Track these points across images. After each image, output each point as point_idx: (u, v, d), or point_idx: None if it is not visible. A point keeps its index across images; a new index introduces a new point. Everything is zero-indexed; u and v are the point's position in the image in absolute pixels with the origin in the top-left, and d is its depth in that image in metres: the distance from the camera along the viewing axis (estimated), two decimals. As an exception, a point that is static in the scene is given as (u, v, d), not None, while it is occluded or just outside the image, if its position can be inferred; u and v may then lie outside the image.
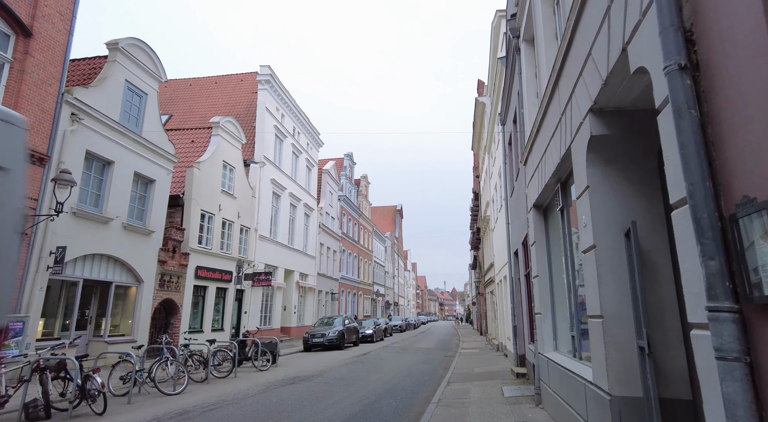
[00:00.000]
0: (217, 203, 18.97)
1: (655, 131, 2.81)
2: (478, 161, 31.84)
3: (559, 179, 5.95)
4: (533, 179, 7.41)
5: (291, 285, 27.07)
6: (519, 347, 12.49)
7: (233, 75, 30.54)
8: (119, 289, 13.79)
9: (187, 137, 20.48)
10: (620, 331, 3.73)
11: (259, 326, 22.76)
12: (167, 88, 30.38)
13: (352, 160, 44.49)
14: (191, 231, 17.13)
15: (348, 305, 40.99)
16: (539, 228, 7.51)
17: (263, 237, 23.09)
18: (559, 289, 7.12)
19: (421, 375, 12.20)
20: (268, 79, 24.42)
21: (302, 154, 29.71)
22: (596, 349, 3.98)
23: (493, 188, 20.01)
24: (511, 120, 12.16)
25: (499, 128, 16.55)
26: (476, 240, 37.27)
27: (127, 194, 13.71)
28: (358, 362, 15.24)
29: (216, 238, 18.86)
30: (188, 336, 14.57)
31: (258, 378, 11.43)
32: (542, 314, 7.23)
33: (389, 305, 64.10)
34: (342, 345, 20.92)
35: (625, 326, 3.72)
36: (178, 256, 16.15)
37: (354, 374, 12.17)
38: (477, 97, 23.87)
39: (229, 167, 20.21)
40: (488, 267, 24.14)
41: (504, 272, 16.14)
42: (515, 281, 12.93)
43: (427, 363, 15.52)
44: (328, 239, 35.05)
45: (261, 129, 23.75)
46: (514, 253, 12.77)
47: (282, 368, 13.55)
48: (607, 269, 3.89)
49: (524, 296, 10.87)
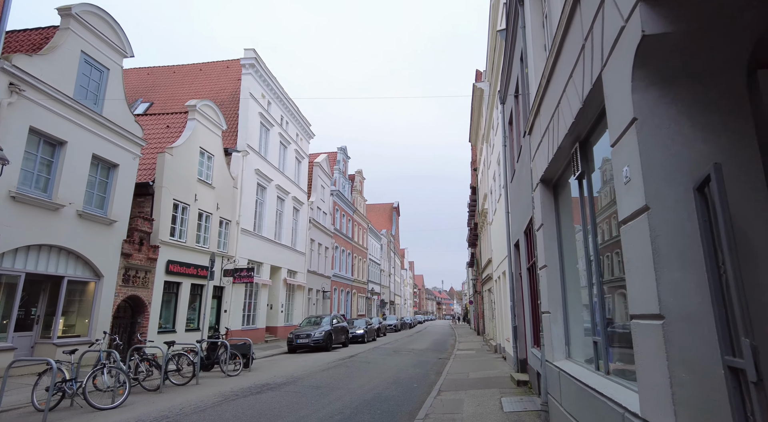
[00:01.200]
0: (192, 193, 17.53)
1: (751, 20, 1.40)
2: (475, 154, 30.53)
3: (578, 138, 4.56)
4: (541, 147, 6.02)
5: (278, 282, 25.65)
6: (520, 350, 11.12)
7: (218, 62, 29.14)
8: (74, 285, 12.36)
9: (162, 122, 19.04)
10: (694, 341, 2.34)
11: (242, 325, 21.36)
12: (149, 76, 28.99)
13: (345, 154, 43.05)
14: (162, 222, 15.70)
15: (341, 304, 39.59)
16: (548, 208, 6.12)
17: (246, 231, 21.65)
18: (573, 282, 5.73)
19: (409, 382, 10.82)
20: (252, 63, 22.98)
21: (291, 145, 28.27)
22: (650, 368, 2.58)
23: (491, 178, 18.64)
24: (512, 95, 10.79)
25: (498, 113, 15.23)
26: (473, 237, 35.94)
27: (83, 178, 12.27)
28: (342, 365, 13.85)
29: (191, 230, 17.43)
30: (146, 338, 13.15)
31: (223, 385, 10.03)
32: (551, 313, 5.84)
33: (385, 304, 62.72)
34: (329, 346, 19.52)
35: (701, 333, 2.33)
36: (146, 249, 14.72)
37: (333, 380, 10.78)
38: (475, 83, 22.48)
39: (207, 154, 18.77)
40: (486, 264, 22.78)
41: (503, 268, 14.77)
42: (515, 276, 11.56)
43: (419, 366, 14.15)
44: (320, 235, 33.63)
45: (245, 116, 22.34)
46: (515, 245, 11.40)
47: (255, 373, 12.15)
48: (667, 243, 2.51)
49: (527, 293, 9.50)
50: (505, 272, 14.30)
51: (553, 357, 5.78)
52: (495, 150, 16.99)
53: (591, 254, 4.50)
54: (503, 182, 13.25)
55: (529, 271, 9.25)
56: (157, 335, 15.13)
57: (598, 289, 4.31)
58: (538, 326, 8.29)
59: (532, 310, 9.04)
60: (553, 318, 5.83)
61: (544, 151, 5.78)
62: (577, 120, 4.16)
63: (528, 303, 9.34)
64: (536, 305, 8.41)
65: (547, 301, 5.94)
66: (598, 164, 4.37)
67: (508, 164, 12.24)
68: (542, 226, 6.12)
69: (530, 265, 8.90)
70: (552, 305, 5.86)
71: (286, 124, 27.74)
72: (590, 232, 4.46)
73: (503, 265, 14.66)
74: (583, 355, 5.37)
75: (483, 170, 23.50)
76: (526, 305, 9.62)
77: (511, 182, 11.78)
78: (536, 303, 8.34)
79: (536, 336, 8.70)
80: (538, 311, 8.27)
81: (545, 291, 6.04)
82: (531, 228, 8.37)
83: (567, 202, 5.91)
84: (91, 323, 12.46)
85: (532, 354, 8.83)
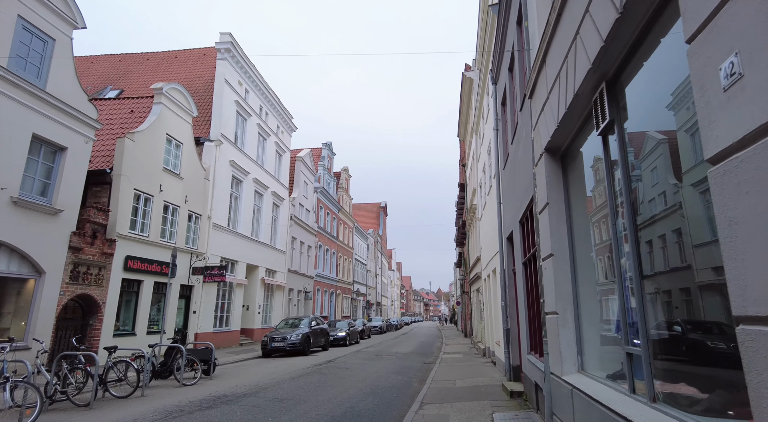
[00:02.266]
0: (157, 183, 16.07)
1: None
2: (464, 150, 29.47)
3: (604, 76, 3.36)
4: (547, 107, 4.83)
5: (255, 282, 24.20)
6: (513, 356, 9.95)
7: (195, 49, 27.62)
8: (8, 282, 10.87)
9: (126, 107, 17.54)
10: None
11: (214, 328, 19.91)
12: (121, 63, 27.39)
13: (330, 150, 41.67)
14: (121, 214, 14.23)
15: (324, 305, 38.19)
16: (555, 183, 4.92)
17: (219, 226, 20.20)
18: (587, 275, 4.55)
19: (388, 392, 9.57)
20: (228, 47, 21.56)
21: (271, 137, 26.85)
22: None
23: (480, 170, 17.52)
24: (506, 69, 9.63)
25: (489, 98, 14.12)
26: (461, 236, 34.86)
27: (20, 161, 10.80)
28: (317, 372, 12.54)
29: (155, 224, 15.96)
30: (82, 344, 11.69)
31: (173, 397, 8.67)
32: (559, 314, 4.65)
33: (371, 306, 61.39)
34: (306, 350, 18.17)
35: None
36: (101, 243, 13.24)
37: (302, 391, 9.48)
38: (464, 73, 21.37)
39: (174, 142, 17.32)
40: (474, 262, 21.65)
41: (493, 265, 13.62)
42: (508, 273, 10.39)
43: (401, 372, 12.90)
44: (302, 233, 32.22)
45: (219, 103, 20.90)
46: (507, 238, 10.24)
47: (216, 381, 10.79)
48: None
49: (522, 291, 8.31)
50: (495, 269, 13.14)
51: (561, 369, 4.58)
52: (485, 140, 15.88)
53: (623, 236, 3.30)
54: (494, 171, 12.10)
55: (525, 266, 8.07)
56: (112, 338, 13.66)
57: (637, 284, 3.10)
58: (537, 329, 7.11)
59: (529, 311, 7.87)
60: (562, 320, 4.64)
61: (552, 110, 4.59)
62: (607, 45, 2.96)
63: (524, 303, 8.16)
64: (534, 305, 7.23)
65: (553, 299, 4.74)
66: (633, 111, 3.19)
67: (500, 149, 11.08)
68: (547, 206, 4.92)
69: (526, 259, 7.72)
70: (560, 305, 4.67)
71: (265, 115, 26.33)
72: (624, 205, 3.26)
73: (494, 262, 13.51)
74: (601, 368, 4.18)
75: (472, 164, 22.41)
76: (521, 305, 8.44)
77: (504, 169, 10.63)
78: (535, 303, 7.16)
79: (533, 341, 7.52)
80: (536, 312, 7.09)
81: (551, 287, 4.85)
82: (529, 215, 7.19)
83: (578, 176, 4.74)
84: (28, 325, 10.96)
85: (528, 361, 7.64)
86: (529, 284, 7.79)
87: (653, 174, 2.94)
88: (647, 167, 3.01)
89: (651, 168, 2.96)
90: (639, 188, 3.12)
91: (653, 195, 2.94)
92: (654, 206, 2.92)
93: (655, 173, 2.90)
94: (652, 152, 2.92)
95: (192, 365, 10.74)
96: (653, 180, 2.95)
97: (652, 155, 2.94)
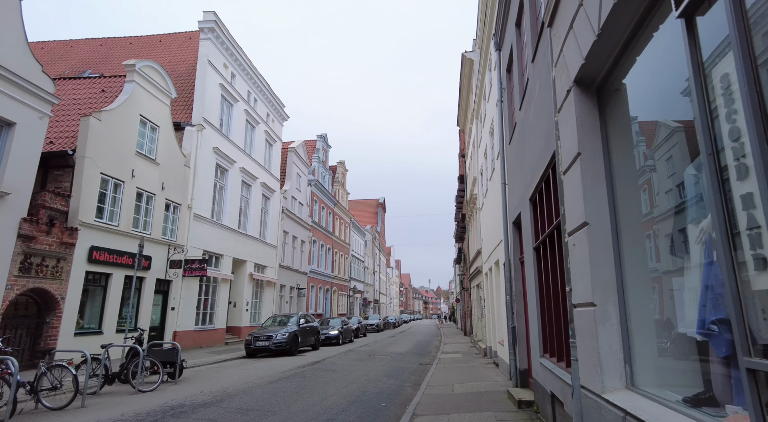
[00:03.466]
0: (129, 168, 14.72)
1: None
2: (464, 140, 28.16)
3: None
4: (578, 23, 3.48)
5: (242, 277, 22.86)
6: (520, 358, 8.62)
7: (180, 33, 26.28)
8: (-55, 273, 9.54)
9: (97, 86, 16.17)
10: None
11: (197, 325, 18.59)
12: (102, 47, 26.03)
13: (326, 142, 40.30)
14: (85, 200, 12.88)
15: (319, 302, 36.87)
16: (589, 126, 3.58)
17: (200, 217, 18.85)
18: (636, 252, 3.23)
19: (376, 400, 8.25)
20: (212, 26, 20.17)
21: (260, 125, 25.47)
22: None
23: (482, 155, 16.18)
24: (513, 25, 8.28)
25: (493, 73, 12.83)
26: (461, 230, 33.51)
27: (-43, 135, 9.45)
28: (299, 375, 11.22)
29: (127, 212, 14.61)
30: (8, 345, 10.35)
31: (118, 407, 7.33)
32: (597, 306, 3.31)
33: (368, 303, 60.10)
34: (294, 349, 16.84)
35: None
36: (59, 231, 11.89)
37: (275, 399, 8.15)
38: (464, 53, 19.99)
39: (150, 124, 15.95)
40: (474, 256, 20.32)
41: (496, 256, 12.29)
42: (514, 263, 9.06)
43: (393, 375, 11.58)
44: (295, 227, 30.87)
45: (202, 86, 19.53)
46: (514, 222, 8.90)
47: (180, 386, 9.45)
48: None
49: (532, 283, 6.98)
50: (498, 261, 11.82)
51: (601, 383, 3.23)
52: (486, 121, 14.55)
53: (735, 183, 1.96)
54: (497, 150, 10.76)
55: (536, 252, 6.74)
56: (74, 337, 12.33)
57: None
58: (552, 327, 5.79)
59: (541, 305, 6.54)
60: (601, 314, 3.30)
61: (586, 23, 3.24)
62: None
63: (534, 296, 6.83)
64: (549, 297, 5.91)
65: (588, 286, 3.40)
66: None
67: (505, 122, 9.76)
68: (578, 159, 3.57)
69: (539, 243, 6.39)
70: (598, 293, 3.33)
71: (254, 101, 24.94)
72: (748, 109, 1.91)
73: (496, 253, 12.18)
74: (663, 384, 2.86)
75: (472, 152, 21.07)
76: (531, 298, 7.11)
77: (509, 144, 9.29)
78: (549, 295, 5.83)
79: (547, 341, 6.20)
80: (550, 306, 5.76)
81: (583, 269, 3.51)
82: (544, 188, 5.85)
83: (622, 117, 3.41)
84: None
85: (541, 366, 6.31)
86: (540, 274, 6.46)
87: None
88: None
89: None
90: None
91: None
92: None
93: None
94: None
95: (153, 368, 9.39)
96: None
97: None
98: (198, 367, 12.99)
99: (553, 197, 5.32)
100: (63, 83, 16.23)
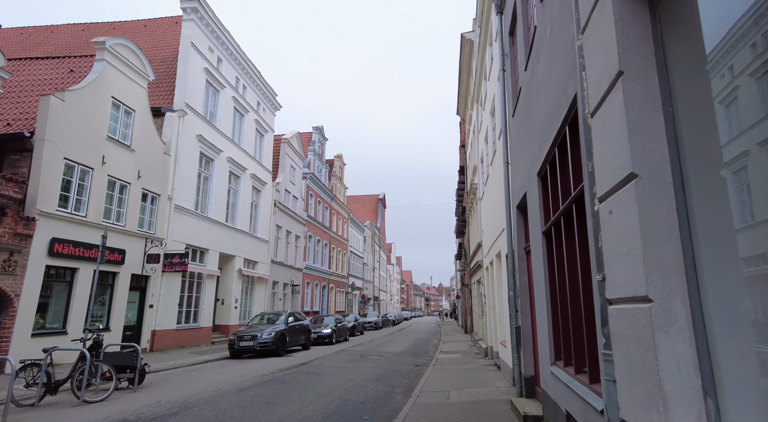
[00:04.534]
0: (99, 154, 13.55)
1: None
2: (464, 131, 26.95)
3: None
4: None
5: (230, 273, 21.72)
6: (525, 364, 7.44)
7: (166, 18, 25.06)
8: None
9: (65, 66, 14.99)
10: None
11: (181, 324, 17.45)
12: (84, 32, 24.84)
13: (322, 134, 39.12)
14: (44, 187, 11.72)
15: (315, 299, 35.75)
16: (634, 32, 2.37)
17: (183, 209, 17.68)
18: (721, 218, 2.03)
19: (358, 412, 7.08)
20: (195, 6, 18.96)
21: (249, 113, 24.27)
22: None
23: (482, 140, 14.98)
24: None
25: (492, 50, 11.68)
26: (461, 224, 32.33)
27: None
28: (277, 381, 10.06)
29: (96, 202, 13.45)
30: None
31: None
32: (654, 302, 2.12)
33: (367, 300, 58.98)
34: (281, 349, 15.70)
35: None
36: (12, 221, 10.74)
37: (241, 410, 6.99)
38: (463, 34, 18.74)
39: (124, 107, 14.76)
40: (475, 250, 19.13)
41: (498, 248, 11.11)
42: (518, 253, 7.87)
43: (384, 379, 10.41)
44: (288, 222, 29.71)
45: (184, 69, 18.34)
46: (518, 206, 7.70)
47: (138, 394, 8.30)
48: None
49: (540, 275, 5.78)
50: (500, 252, 10.63)
51: (663, 417, 2.04)
52: (487, 103, 13.36)
53: None
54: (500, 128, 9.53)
55: (546, 237, 5.55)
56: (31, 338, 11.21)
57: None
58: (567, 328, 4.60)
59: (552, 302, 5.36)
60: (661, 315, 2.10)
61: None
62: None
63: (544, 291, 5.64)
64: (562, 293, 4.72)
65: (641, 270, 2.20)
66: None
67: (508, 93, 8.56)
68: (620, 80, 2.37)
69: (549, 226, 5.20)
70: (655, 282, 2.13)
71: (243, 88, 23.73)
72: None
73: (498, 244, 11.00)
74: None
75: (472, 140, 19.86)
76: (540, 294, 5.93)
77: (513, 117, 8.09)
78: (562, 289, 4.64)
79: (560, 345, 5.02)
80: (566, 302, 4.57)
81: (629, 247, 2.31)
82: (557, 153, 4.65)
83: (690, 24, 2.20)
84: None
85: (552, 375, 5.13)
86: (552, 263, 5.26)
87: None
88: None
89: None
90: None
91: None
92: None
93: None
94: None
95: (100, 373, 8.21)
96: None
97: None
98: (171, 370, 11.86)
99: (571, 164, 4.13)
100: (28, 63, 15.07)
